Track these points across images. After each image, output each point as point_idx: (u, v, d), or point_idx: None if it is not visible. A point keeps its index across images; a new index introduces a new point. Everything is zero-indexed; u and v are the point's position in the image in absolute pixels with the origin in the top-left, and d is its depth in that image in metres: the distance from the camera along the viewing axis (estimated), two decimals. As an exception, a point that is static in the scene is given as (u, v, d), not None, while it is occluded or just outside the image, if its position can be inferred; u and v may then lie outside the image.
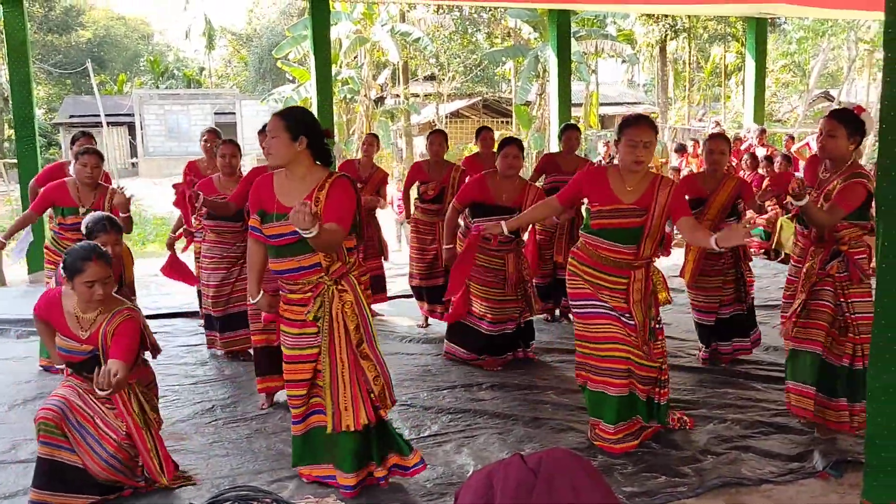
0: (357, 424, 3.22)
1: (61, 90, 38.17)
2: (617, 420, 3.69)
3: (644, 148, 3.54)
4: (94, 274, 3.15)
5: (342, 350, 3.22)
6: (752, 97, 12.86)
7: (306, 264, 3.19)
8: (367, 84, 20.96)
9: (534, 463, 1.78)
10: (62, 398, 3.25)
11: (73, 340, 3.25)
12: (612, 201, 3.62)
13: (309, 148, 3.18)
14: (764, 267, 8.52)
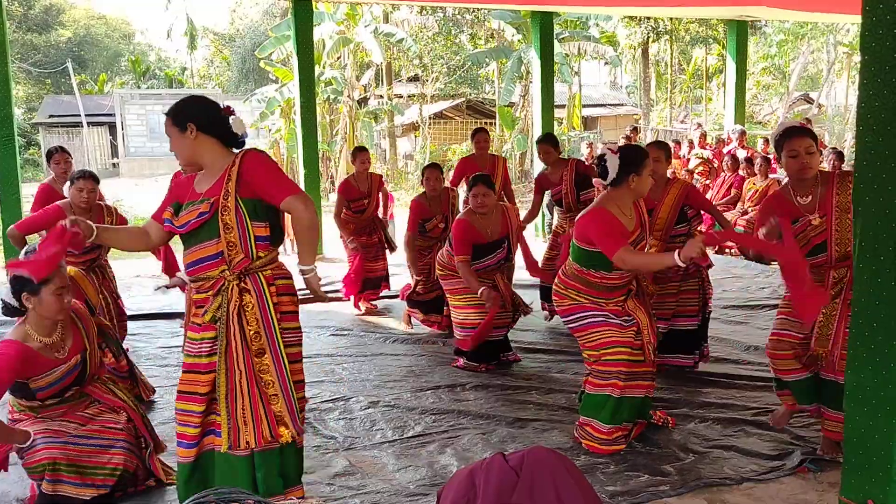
0: (259, 441, 2.89)
1: (41, 90, 37.77)
2: (613, 421, 3.71)
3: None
4: (62, 279, 3.14)
5: (239, 357, 2.87)
6: (733, 99, 12.98)
7: (208, 254, 2.91)
8: (351, 85, 20.90)
9: (515, 462, 1.79)
10: (52, 433, 3.18)
11: (60, 366, 3.22)
12: (626, 236, 3.64)
13: (206, 133, 2.93)
14: (745, 267, 8.59)
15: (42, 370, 3.17)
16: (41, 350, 3.16)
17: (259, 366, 2.88)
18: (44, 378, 3.17)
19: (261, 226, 2.91)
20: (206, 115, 2.95)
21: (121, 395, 3.46)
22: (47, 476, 3.10)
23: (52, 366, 3.19)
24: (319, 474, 3.56)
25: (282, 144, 20.63)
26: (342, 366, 5.28)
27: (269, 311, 2.91)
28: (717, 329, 5.99)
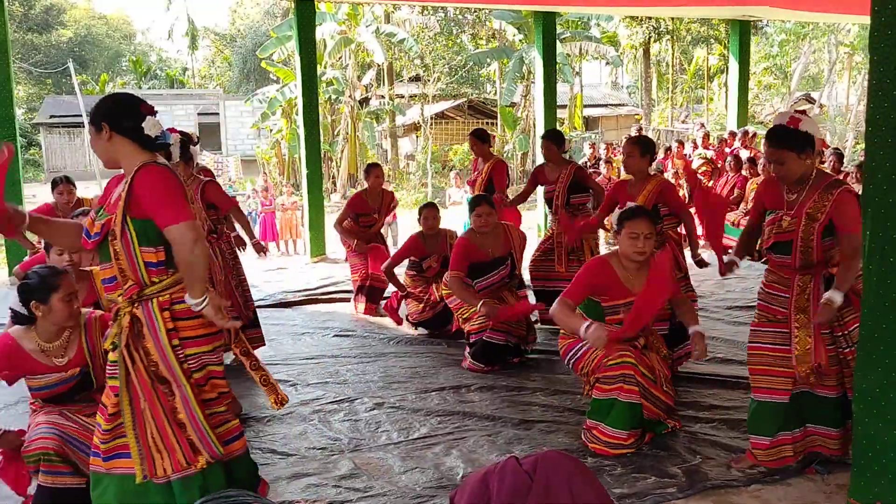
0: (176, 468, 2.74)
1: (41, 90, 37.80)
2: (620, 426, 3.67)
3: (646, 239, 3.65)
4: (69, 286, 3.14)
5: (143, 385, 2.74)
6: (736, 99, 12.97)
7: (107, 276, 2.79)
8: (352, 85, 20.91)
9: (529, 465, 1.78)
10: (51, 424, 3.15)
11: (54, 373, 3.20)
12: (624, 295, 3.70)
13: (121, 135, 2.72)
14: (748, 268, 8.56)
15: (34, 372, 3.17)
16: (35, 352, 3.16)
17: (165, 393, 2.76)
18: (37, 380, 3.19)
19: (150, 251, 2.71)
20: (120, 114, 2.73)
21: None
22: (42, 467, 3.07)
23: (45, 371, 3.18)
24: (325, 476, 3.54)
25: (283, 145, 20.63)
26: (346, 367, 5.27)
27: (162, 340, 2.73)
28: (721, 330, 5.99)
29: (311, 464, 3.69)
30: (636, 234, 3.67)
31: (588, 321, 3.58)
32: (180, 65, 44.22)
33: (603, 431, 3.73)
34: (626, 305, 3.71)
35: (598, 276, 3.76)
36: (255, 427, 4.18)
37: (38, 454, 3.06)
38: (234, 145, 28.94)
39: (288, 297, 7.51)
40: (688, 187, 10.54)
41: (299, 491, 3.39)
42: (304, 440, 4.00)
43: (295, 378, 5.02)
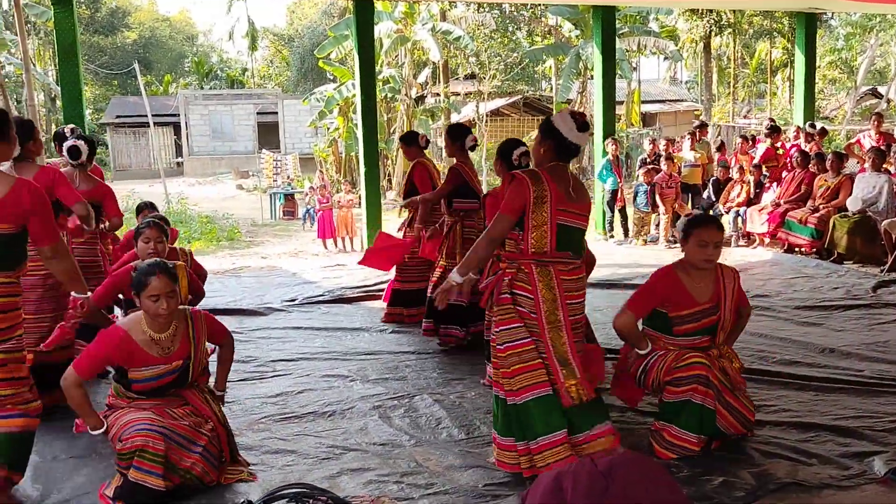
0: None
1: (107, 91, 38.96)
2: (693, 429, 3.58)
3: (715, 248, 3.60)
4: (156, 288, 3.25)
5: None
6: (802, 94, 12.60)
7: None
8: (408, 83, 20.98)
9: (605, 466, 1.74)
10: (150, 420, 3.22)
11: (161, 364, 3.33)
12: (691, 304, 3.64)
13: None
14: (816, 267, 8.32)
15: (140, 363, 3.29)
16: (144, 343, 3.28)
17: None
18: (142, 371, 3.30)
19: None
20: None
21: (213, 407, 3.51)
22: (135, 462, 3.14)
23: (152, 362, 3.30)
24: (386, 472, 3.55)
25: (340, 143, 20.83)
26: (405, 363, 5.29)
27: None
28: (789, 331, 5.82)
29: (373, 459, 3.71)
30: (706, 242, 3.60)
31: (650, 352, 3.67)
32: (240, 65, 45.06)
33: (672, 433, 3.62)
34: (691, 316, 3.64)
35: (665, 288, 3.68)
36: (318, 422, 4.22)
37: (135, 450, 3.13)
38: (293, 144, 29.34)
39: (346, 294, 7.58)
40: (753, 183, 10.29)
41: (361, 486, 3.40)
42: (365, 435, 4.02)
43: (354, 373, 5.05)
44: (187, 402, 3.46)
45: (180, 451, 3.26)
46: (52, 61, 27.89)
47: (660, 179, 10.37)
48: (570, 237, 3.45)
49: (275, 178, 19.18)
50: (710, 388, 3.57)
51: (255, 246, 13.19)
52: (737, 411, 3.67)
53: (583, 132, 3.44)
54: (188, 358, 3.39)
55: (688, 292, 3.64)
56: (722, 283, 3.70)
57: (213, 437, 3.39)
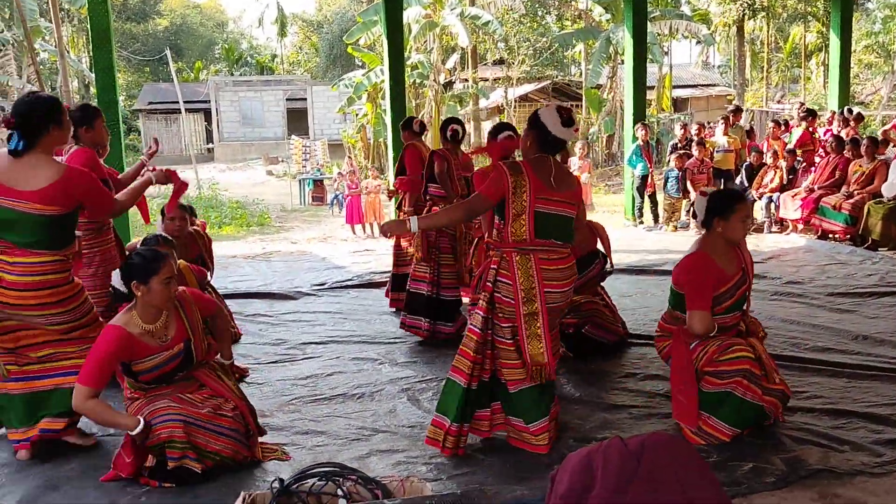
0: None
1: (140, 77, 39.40)
2: (732, 422, 3.57)
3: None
4: (169, 270, 3.28)
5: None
6: (837, 78, 12.35)
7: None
8: (437, 68, 20.93)
9: (635, 447, 1.74)
10: (171, 409, 3.26)
11: (162, 352, 3.33)
12: (726, 281, 3.63)
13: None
14: (850, 253, 8.19)
15: (143, 355, 3.28)
16: (142, 336, 3.27)
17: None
18: (145, 363, 3.30)
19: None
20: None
21: (228, 384, 3.55)
22: (167, 453, 3.19)
23: (153, 351, 3.30)
24: (416, 454, 3.58)
25: (368, 129, 20.87)
26: (433, 347, 5.31)
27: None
28: (823, 318, 5.74)
29: (402, 441, 3.74)
30: (747, 216, 3.67)
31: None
32: (270, 52, 45.29)
33: (708, 423, 3.60)
34: (728, 292, 3.62)
35: (710, 274, 3.60)
36: (347, 404, 4.27)
37: (162, 443, 3.19)
38: (321, 130, 29.49)
39: (375, 278, 7.62)
40: (786, 168, 10.14)
41: (390, 467, 3.44)
42: (395, 418, 4.06)
43: (383, 357, 5.09)
44: (202, 384, 3.46)
45: (206, 436, 3.29)
46: (85, 48, 28.26)
47: (691, 165, 10.26)
48: (551, 224, 3.48)
49: (304, 164, 19.28)
50: (754, 382, 3.55)
51: (285, 231, 13.30)
52: (777, 392, 3.66)
53: (567, 127, 3.47)
54: (187, 339, 3.38)
55: (722, 270, 3.63)
56: (739, 251, 3.70)
57: (237, 416, 3.42)
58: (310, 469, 2.76)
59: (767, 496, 3.11)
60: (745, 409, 3.56)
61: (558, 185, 3.50)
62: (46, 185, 3.25)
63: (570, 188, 3.55)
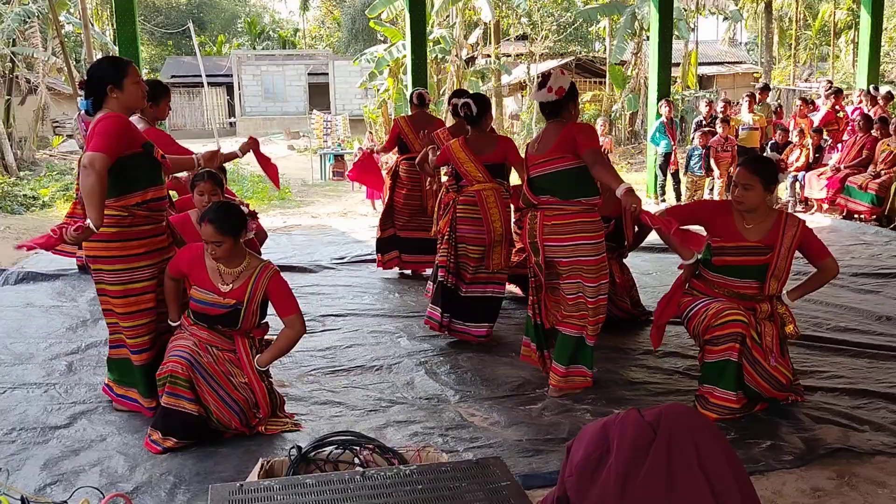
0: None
1: (163, 51, 39.45)
2: (736, 387, 3.55)
3: (743, 189, 3.57)
4: (205, 233, 3.36)
5: None
6: (867, 56, 12.10)
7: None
8: (459, 44, 20.76)
9: (652, 418, 1.73)
10: (187, 349, 3.41)
11: (214, 293, 3.43)
12: (736, 239, 3.60)
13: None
14: (875, 234, 8.07)
15: (198, 282, 3.45)
16: (211, 269, 3.45)
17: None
18: (200, 292, 3.45)
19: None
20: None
21: (253, 363, 3.53)
22: (167, 388, 3.34)
23: (210, 288, 3.43)
24: (432, 425, 3.61)
25: (390, 104, 20.80)
26: (452, 321, 5.31)
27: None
28: (846, 298, 5.68)
29: (419, 412, 3.76)
30: (735, 182, 3.66)
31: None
32: (292, 26, 45.14)
33: (715, 395, 3.60)
34: (735, 249, 3.61)
35: (712, 210, 3.80)
36: (365, 375, 4.30)
37: (166, 376, 3.35)
38: (343, 105, 29.42)
39: (394, 253, 7.61)
40: (812, 147, 9.99)
41: (407, 437, 3.46)
42: (412, 390, 4.08)
43: (401, 330, 5.11)
44: (234, 348, 3.51)
45: (207, 389, 3.38)
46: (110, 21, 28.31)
47: (715, 142, 10.13)
48: (544, 182, 3.88)
49: (325, 139, 19.27)
50: (744, 345, 3.53)
51: (306, 205, 13.33)
52: (767, 374, 3.58)
53: (540, 90, 3.86)
54: (241, 303, 3.45)
55: (734, 226, 3.63)
56: (781, 230, 3.59)
57: (244, 389, 3.46)
58: (327, 437, 2.77)
59: (785, 474, 3.10)
60: (741, 373, 3.55)
61: (538, 146, 3.94)
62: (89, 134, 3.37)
63: (547, 146, 3.87)
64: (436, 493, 1.86)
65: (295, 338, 3.56)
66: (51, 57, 18.23)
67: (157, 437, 3.36)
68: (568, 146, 3.76)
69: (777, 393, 3.64)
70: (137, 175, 3.49)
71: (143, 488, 3.05)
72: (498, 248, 4.79)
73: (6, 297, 6.07)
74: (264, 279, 3.48)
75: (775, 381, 3.60)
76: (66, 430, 3.58)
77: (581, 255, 3.81)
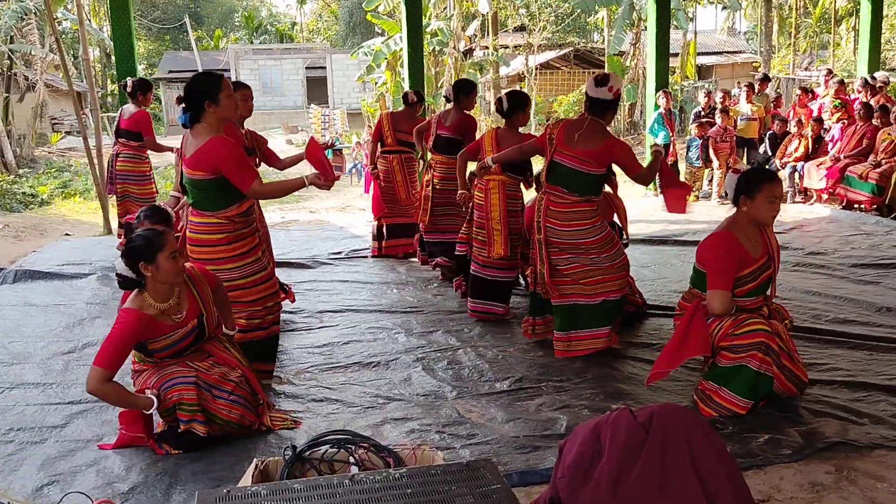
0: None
1: (160, 46, 39.36)
2: (746, 394, 3.51)
3: (780, 203, 3.60)
4: (172, 244, 3.28)
5: None
6: (867, 44, 12.04)
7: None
8: (457, 36, 20.69)
9: (644, 418, 1.71)
10: (186, 373, 3.32)
11: (177, 330, 3.34)
12: (750, 264, 3.56)
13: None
14: (875, 224, 8.05)
15: (160, 334, 3.30)
16: (158, 316, 3.28)
17: None
18: (161, 341, 3.31)
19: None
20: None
21: (235, 354, 3.57)
22: (178, 416, 3.28)
23: (169, 330, 3.31)
24: (429, 422, 3.59)
25: (388, 97, 20.75)
26: (449, 317, 5.31)
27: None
28: (845, 289, 5.66)
29: (416, 409, 3.75)
30: (775, 197, 3.51)
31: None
32: (289, 19, 45.02)
33: (722, 396, 3.56)
34: (752, 274, 3.54)
35: (736, 256, 3.52)
36: (362, 372, 4.28)
37: (173, 406, 3.27)
38: (341, 98, 29.37)
39: (393, 248, 7.60)
40: (812, 137, 9.95)
41: (404, 434, 3.45)
42: (409, 386, 4.07)
43: (399, 326, 5.09)
44: (210, 354, 3.50)
45: (215, 400, 3.34)
46: (106, 17, 28.24)
47: (713, 133, 10.09)
48: (562, 174, 4.25)
49: (323, 133, 19.25)
50: (770, 355, 3.49)
51: (304, 200, 13.31)
52: (793, 375, 3.58)
53: (599, 87, 4.18)
54: (200, 314, 3.41)
55: (747, 252, 3.54)
56: (766, 235, 3.60)
57: (241, 382, 3.46)
58: (322, 436, 2.76)
59: (783, 468, 3.08)
60: (760, 381, 3.51)
61: (579, 141, 4.19)
62: (192, 152, 3.67)
63: (588, 147, 4.18)
64: (426, 496, 1.85)
65: (225, 291, 3.72)
66: (48, 54, 18.19)
67: (167, 447, 3.32)
68: (604, 161, 4.23)
69: (796, 391, 3.64)
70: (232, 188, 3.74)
71: (139, 488, 3.04)
72: (497, 237, 5.00)
73: (4, 296, 6.06)
74: (198, 279, 3.46)
75: (798, 380, 3.61)
76: (62, 430, 3.57)
77: (580, 239, 4.26)
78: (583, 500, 1.75)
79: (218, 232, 3.78)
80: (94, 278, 6.52)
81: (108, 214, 9.26)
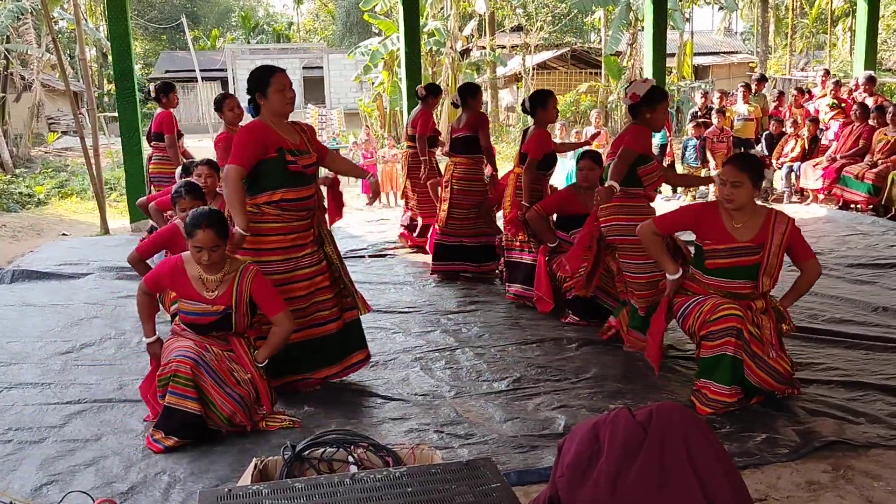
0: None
1: (157, 46, 39.32)
2: (732, 381, 3.53)
3: (732, 187, 3.53)
4: (201, 240, 3.35)
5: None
6: (864, 44, 12.07)
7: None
8: (454, 36, 20.69)
9: (643, 417, 1.72)
10: (191, 349, 3.41)
11: (202, 303, 3.43)
12: (726, 240, 3.57)
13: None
14: (872, 224, 8.07)
15: (185, 294, 3.45)
16: (194, 279, 3.45)
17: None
18: (189, 304, 3.45)
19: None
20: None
21: (251, 360, 3.57)
22: (171, 388, 3.34)
23: (197, 298, 3.43)
24: (427, 421, 3.60)
25: (385, 98, 20.75)
26: (447, 316, 5.32)
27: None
28: (841, 289, 5.68)
29: (414, 409, 3.76)
30: (723, 180, 3.59)
31: (679, 272, 3.74)
32: (286, 19, 45.00)
33: (712, 390, 3.58)
34: (727, 251, 3.57)
35: (700, 214, 3.72)
36: (360, 372, 4.27)
37: (169, 376, 3.35)
38: (338, 98, 29.33)
39: (389, 248, 7.63)
40: (808, 138, 9.97)
41: (402, 434, 3.46)
42: (407, 386, 4.07)
43: (397, 326, 5.10)
44: (231, 348, 3.55)
45: (212, 385, 3.39)
46: (103, 16, 28.20)
47: (710, 133, 10.12)
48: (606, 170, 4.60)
49: (320, 133, 19.23)
50: (741, 339, 3.51)
51: (301, 200, 13.29)
52: (769, 367, 3.55)
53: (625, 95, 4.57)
54: (230, 308, 3.46)
55: (724, 227, 3.59)
56: (771, 227, 3.58)
57: (246, 382, 3.49)
58: (321, 436, 2.77)
59: (780, 467, 3.10)
60: (736, 366, 3.53)
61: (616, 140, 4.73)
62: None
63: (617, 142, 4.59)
64: (426, 495, 1.86)
65: (284, 335, 3.61)
66: (45, 53, 18.15)
67: (160, 437, 3.35)
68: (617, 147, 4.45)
69: (778, 385, 3.61)
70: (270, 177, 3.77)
71: (138, 488, 3.04)
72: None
73: (2, 297, 6.06)
74: (247, 281, 3.50)
75: (776, 374, 3.57)
76: (61, 430, 3.58)
77: (614, 235, 4.46)
78: (581, 499, 1.76)
79: (253, 221, 3.74)
80: (91, 278, 6.52)
81: (105, 214, 9.26)
